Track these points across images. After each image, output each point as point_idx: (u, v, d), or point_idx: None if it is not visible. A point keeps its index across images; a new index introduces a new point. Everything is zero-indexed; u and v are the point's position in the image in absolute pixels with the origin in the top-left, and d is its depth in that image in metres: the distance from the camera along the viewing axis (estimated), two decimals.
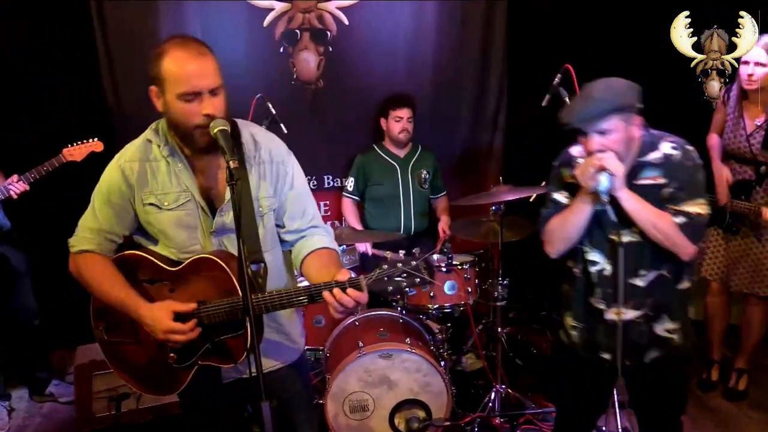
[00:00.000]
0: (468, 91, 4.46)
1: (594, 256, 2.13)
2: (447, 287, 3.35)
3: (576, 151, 2.18)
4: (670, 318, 2.12)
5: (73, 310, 3.98)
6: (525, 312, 4.48)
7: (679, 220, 1.98)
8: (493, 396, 3.30)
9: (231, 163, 1.61)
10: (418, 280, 1.61)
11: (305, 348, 2.14)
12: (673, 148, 2.04)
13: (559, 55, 3.10)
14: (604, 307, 2.13)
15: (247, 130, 1.92)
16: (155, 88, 1.76)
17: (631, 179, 2.04)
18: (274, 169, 1.90)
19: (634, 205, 1.99)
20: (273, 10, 4.09)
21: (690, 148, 2.05)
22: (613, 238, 2.05)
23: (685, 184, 2.00)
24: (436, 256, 3.57)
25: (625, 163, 2.02)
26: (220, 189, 1.86)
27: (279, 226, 1.96)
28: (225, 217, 1.85)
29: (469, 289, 3.39)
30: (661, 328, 2.13)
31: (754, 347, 3.56)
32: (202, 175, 1.87)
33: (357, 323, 3.21)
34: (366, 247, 3.84)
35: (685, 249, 2.01)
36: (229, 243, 1.87)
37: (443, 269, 3.36)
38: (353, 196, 4.08)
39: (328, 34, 4.20)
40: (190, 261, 1.83)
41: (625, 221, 2.03)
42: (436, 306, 3.38)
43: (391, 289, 1.63)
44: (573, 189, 2.13)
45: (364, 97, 4.27)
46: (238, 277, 1.59)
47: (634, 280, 2.09)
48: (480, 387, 3.53)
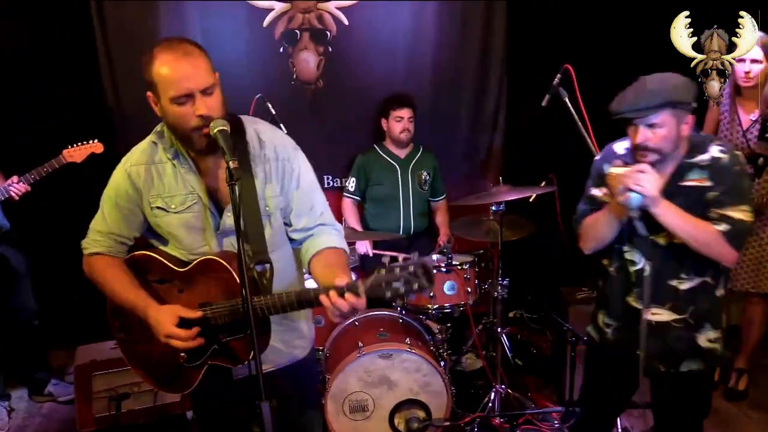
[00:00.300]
0: (468, 91, 4.44)
1: (633, 256, 2.11)
2: (447, 287, 3.34)
3: (619, 146, 2.15)
4: (713, 327, 2.09)
5: (72, 310, 4.03)
6: (525, 312, 4.47)
7: (722, 227, 1.94)
8: (492, 396, 3.29)
9: (231, 163, 1.59)
10: (416, 285, 1.57)
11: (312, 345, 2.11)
12: (721, 151, 2.00)
13: (559, 55, 3.08)
14: (641, 306, 2.09)
15: (252, 127, 1.89)
16: (151, 94, 1.75)
17: (676, 180, 2.01)
18: (280, 166, 1.87)
19: (671, 219, 1.95)
20: (273, 10, 4.09)
21: (738, 153, 2.02)
22: (651, 238, 2.02)
23: (730, 188, 1.96)
24: (435, 257, 3.56)
25: (671, 162, 2.00)
26: (226, 189, 1.80)
27: (287, 224, 1.93)
28: (231, 218, 1.79)
29: (469, 289, 3.37)
30: (704, 339, 2.09)
31: (754, 347, 3.55)
32: (208, 176, 1.85)
33: (357, 323, 3.21)
34: (366, 247, 3.83)
35: (727, 256, 1.97)
36: (236, 242, 1.84)
37: (443, 269, 3.35)
38: (354, 197, 4.07)
39: (328, 34, 4.19)
40: (197, 262, 1.82)
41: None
42: (436, 306, 3.37)
43: (389, 294, 1.59)
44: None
45: (364, 97, 4.26)
46: (239, 279, 1.59)
47: (674, 283, 2.06)
48: (480, 387, 3.52)
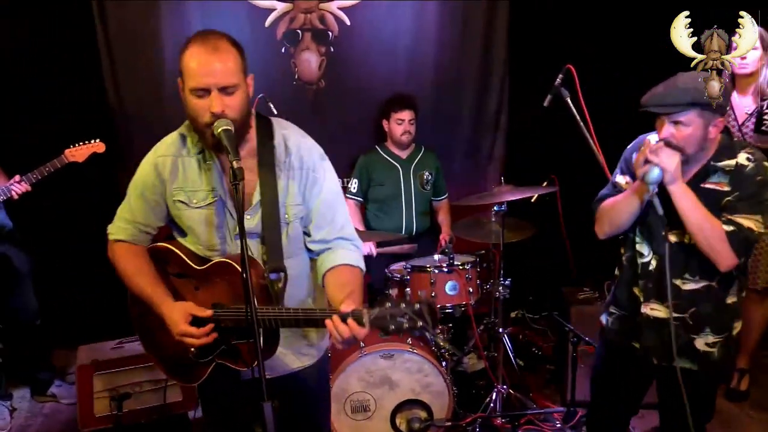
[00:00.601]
0: (469, 91, 4.42)
1: (643, 248, 2.13)
2: (448, 287, 3.34)
3: (652, 138, 2.13)
4: (713, 331, 2.09)
5: (74, 310, 4.04)
6: (526, 312, 4.47)
7: (729, 228, 1.93)
8: (494, 396, 3.29)
9: (234, 163, 1.60)
10: (419, 324, 1.53)
11: (326, 350, 2.10)
12: (748, 159, 1.97)
13: (561, 55, 3.08)
14: (642, 299, 2.13)
15: (281, 132, 1.87)
16: (180, 80, 1.75)
17: (698, 181, 2.00)
18: (304, 175, 1.85)
19: (685, 203, 1.94)
20: (274, 10, 4.08)
21: (767, 164, 1.98)
22: (662, 233, 2.01)
23: (747, 196, 1.94)
24: (437, 256, 3.55)
25: (696, 163, 2.00)
26: (247, 191, 1.81)
27: (306, 234, 1.91)
28: (251, 221, 1.82)
29: (471, 290, 3.36)
30: (701, 342, 2.09)
31: (754, 346, 3.53)
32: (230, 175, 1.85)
33: None
34: (370, 248, 3.81)
35: (726, 259, 1.94)
36: (253, 247, 1.84)
37: (444, 269, 3.34)
38: (357, 198, 4.05)
39: (330, 34, 4.18)
40: (213, 263, 1.83)
41: (677, 221, 1.99)
42: (438, 306, 3.36)
43: (392, 328, 1.55)
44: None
45: (366, 98, 4.25)
46: (243, 286, 1.58)
47: (677, 282, 2.06)
48: (481, 387, 3.51)
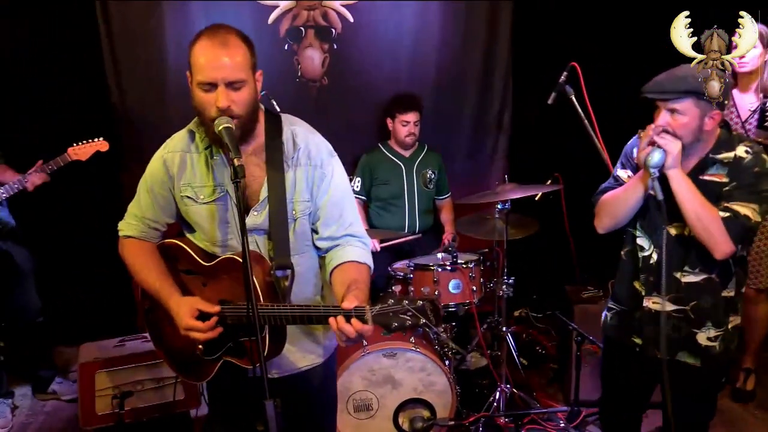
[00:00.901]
0: (472, 89, 4.41)
1: (643, 242, 2.14)
2: (451, 286, 3.32)
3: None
4: (714, 326, 2.09)
5: (76, 307, 4.04)
6: (530, 311, 4.45)
7: (725, 214, 1.94)
8: (497, 395, 3.28)
9: (235, 161, 1.60)
10: (422, 322, 1.55)
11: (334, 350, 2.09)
12: (746, 151, 1.99)
13: (565, 53, 3.08)
14: (643, 293, 2.13)
15: (290, 128, 1.87)
16: (188, 74, 1.75)
17: (696, 173, 2.02)
18: (311, 171, 1.85)
19: (682, 187, 1.95)
20: (277, 7, 4.08)
21: (765, 156, 2.00)
22: (662, 219, 2.01)
23: (744, 185, 1.96)
24: (440, 255, 3.54)
25: (694, 156, 2.01)
26: (255, 187, 1.82)
27: (314, 231, 1.91)
28: (258, 217, 1.82)
29: (474, 288, 3.36)
30: (703, 336, 2.09)
31: (759, 345, 3.51)
32: None
33: None
34: (374, 245, 3.78)
35: (722, 246, 1.94)
36: (260, 244, 1.85)
37: (448, 268, 3.33)
38: (360, 197, 4.03)
39: (333, 31, 4.17)
40: (221, 259, 1.83)
41: (676, 214, 1.99)
42: (441, 305, 3.35)
43: (395, 325, 1.56)
44: (638, 169, 2.11)
45: (369, 95, 4.25)
46: (244, 283, 1.58)
47: (677, 275, 2.07)
48: (484, 386, 3.51)
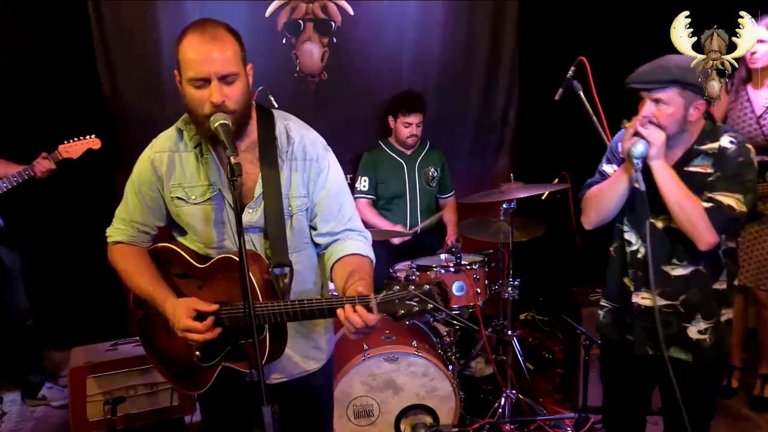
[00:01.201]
0: (476, 86, 4.37)
1: (631, 237, 2.16)
2: (455, 288, 3.28)
3: None
4: (704, 318, 2.10)
5: (67, 310, 4.01)
6: (536, 314, 4.42)
7: (708, 205, 1.97)
8: (503, 401, 3.25)
9: (232, 159, 1.59)
10: (430, 306, 1.55)
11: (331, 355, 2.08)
12: (731, 141, 2.02)
13: (572, 49, 3.07)
14: (632, 289, 2.15)
15: (283, 123, 1.87)
16: (176, 72, 1.73)
17: (682, 165, 2.05)
18: (307, 166, 1.85)
19: (665, 178, 1.98)
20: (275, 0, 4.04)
21: (749, 146, 2.03)
22: (646, 211, 2.04)
23: (728, 175, 1.98)
24: (443, 256, 3.51)
25: (679, 148, 2.05)
26: (249, 184, 1.81)
27: (312, 228, 1.91)
28: (253, 215, 1.81)
29: (479, 290, 3.31)
30: (694, 330, 2.10)
31: None
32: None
33: None
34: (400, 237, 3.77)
35: (705, 236, 1.96)
36: (256, 242, 1.84)
37: (451, 269, 3.29)
38: (369, 196, 3.95)
39: (333, 24, 4.14)
40: (217, 259, 1.81)
41: (662, 206, 2.02)
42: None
43: (402, 312, 1.56)
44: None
45: (370, 91, 4.23)
46: (241, 282, 1.56)
47: (666, 268, 2.09)
48: (489, 392, 3.49)
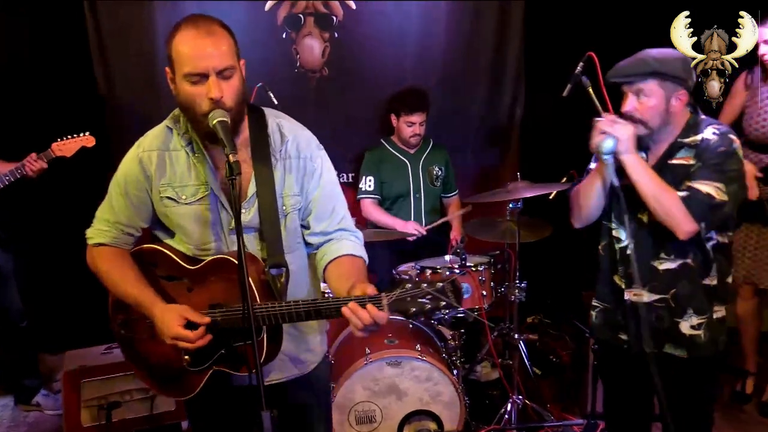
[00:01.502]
0: (482, 81, 4.33)
1: (619, 233, 2.17)
2: None
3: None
4: (696, 313, 2.09)
5: (61, 313, 3.97)
6: (544, 317, 4.38)
7: (684, 193, 1.97)
8: (509, 407, 3.22)
9: (230, 156, 1.57)
10: (443, 304, 1.53)
11: (325, 355, 2.07)
12: (713, 133, 2.02)
13: (582, 42, 3.00)
14: (623, 286, 2.15)
15: (275, 120, 1.86)
16: (168, 69, 1.71)
17: (666, 158, 2.06)
18: (301, 164, 1.84)
19: (638, 171, 1.98)
20: None
21: (732, 137, 2.03)
22: (639, 217, 2.05)
23: (709, 164, 1.99)
24: (448, 257, 3.47)
25: (664, 142, 2.06)
26: (242, 184, 1.79)
27: (304, 227, 1.90)
28: (246, 215, 1.79)
29: (484, 293, 3.29)
30: (686, 325, 2.10)
31: None
32: (223, 169, 1.77)
33: None
34: (418, 230, 3.70)
35: (682, 225, 1.96)
36: (250, 242, 1.81)
37: (456, 271, 3.25)
38: (374, 196, 3.87)
39: (334, 19, 4.11)
40: (209, 260, 1.78)
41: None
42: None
43: (414, 310, 1.54)
44: None
45: (372, 87, 4.20)
46: (239, 282, 1.56)
47: (654, 263, 2.09)
48: (495, 398, 3.46)
